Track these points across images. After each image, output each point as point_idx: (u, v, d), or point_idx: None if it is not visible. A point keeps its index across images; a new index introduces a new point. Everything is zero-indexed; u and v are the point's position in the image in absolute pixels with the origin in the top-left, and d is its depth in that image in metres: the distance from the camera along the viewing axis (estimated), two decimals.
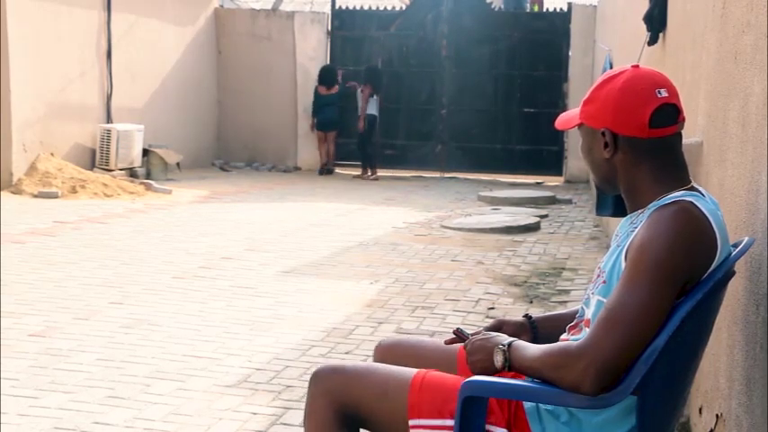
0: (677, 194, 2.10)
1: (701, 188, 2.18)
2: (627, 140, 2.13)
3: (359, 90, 15.29)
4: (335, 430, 2.28)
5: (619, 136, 2.14)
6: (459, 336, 2.40)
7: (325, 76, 15.33)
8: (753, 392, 2.36)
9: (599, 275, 2.20)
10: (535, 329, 2.46)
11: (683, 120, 2.18)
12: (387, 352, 2.56)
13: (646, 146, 2.13)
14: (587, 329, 2.14)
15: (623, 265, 2.08)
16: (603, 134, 2.16)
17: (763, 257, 2.32)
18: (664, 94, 2.13)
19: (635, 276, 2.01)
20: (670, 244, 2.00)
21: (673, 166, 2.15)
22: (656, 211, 2.08)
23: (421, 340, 2.71)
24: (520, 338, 2.27)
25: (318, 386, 2.31)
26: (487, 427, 2.17)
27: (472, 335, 2.35)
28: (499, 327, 2.43)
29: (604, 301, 2.09)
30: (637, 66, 2.22)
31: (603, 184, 2.26)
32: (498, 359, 2.15)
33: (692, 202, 2.05)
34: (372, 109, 15.19)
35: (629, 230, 2.14)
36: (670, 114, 2.13)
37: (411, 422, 2.20)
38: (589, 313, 2.18)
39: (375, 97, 15.15)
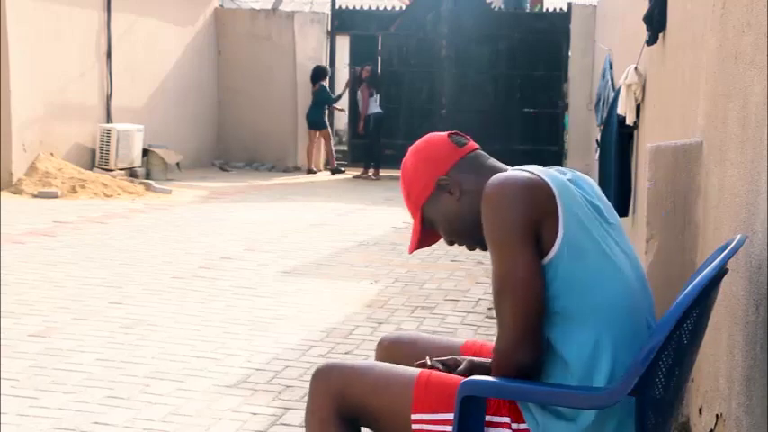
0: None
1: (535, 167, 2.26)
2: (454, 172, 2.30)
3: (358, 91, 15.34)
4: (336, 427, 2.28)
5: (448, 174, 2.30)
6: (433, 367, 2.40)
7: (311, 75, 15.48)
8: (753, 393, 2.36)
9: None
10: None
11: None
12: (390, 348, 2.57)
13: (467, 164, 2.31)
14: None
15: None
16: (439, 185, 2.30)
17: (763, 257, 2.32)
18: (442, 134, 2.38)
19: (493, 254, 2.14)
20: (497, 211, 2.12)
21: (498, 166, 2.33)
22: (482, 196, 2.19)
23: (423, 336, 2.72)
24: None
25: (319, 383, 2.31)
26: (488, 418, 2.18)
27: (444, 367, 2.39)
28: (471, 370, 2.37)
29: None
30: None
31: (475, 230, 2.23)
32: None
33: (501, 171, 2.25)
34: (376, 107, 15.24)
35: None
36: (460, 138, 2.37)
37: (414, 416, 2.21)
38: None
39: (375, 96, 15.21)
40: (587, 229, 2.13)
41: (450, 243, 2.39)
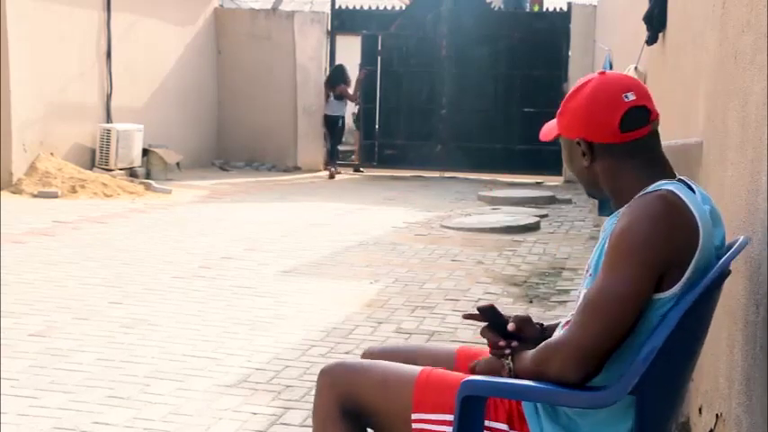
0: (658, 183, 2.11)
1: (690, 181, 2.18)
2: (602, 147, 2.17)
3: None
4: (339, 423, 2.29)
5: (594, 144, 2.18)
6: (489, 315, 2.34)
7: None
8: (753, 392, 2.37)
9: (587, 270, 2.22)
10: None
11: (656, 118, 2.19)
12: (378, 358, 2.54)
13: (622, 149, 2.16)
14: None
15: None
16: (579, 144, 2.20)
17: (763, 257, 2.32)
18: (631, 97, 2.15)
19: (612, 263, 2.04)
20: (645, 229, 2.01)
21: (653, 164, 2.18)
22: (635, 200, 2.09)
23: (410, 346, 2.72)
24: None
25: (325, 381, 2.34)
26: (486, 423, 2.18)
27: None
28: (526, 320, 2.36)
29: None
30: (603, 72, 2.25)
31: (590, 189, 2.30)
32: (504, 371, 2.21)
33: (670, 190, 2.07)
34: (334, 110, 15.33)
35: (612, 223, 2.16)
36: (641, 116, 2.16)
37: (414, 416, 2.22)
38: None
39: (332, 98, 15.32)
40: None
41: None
